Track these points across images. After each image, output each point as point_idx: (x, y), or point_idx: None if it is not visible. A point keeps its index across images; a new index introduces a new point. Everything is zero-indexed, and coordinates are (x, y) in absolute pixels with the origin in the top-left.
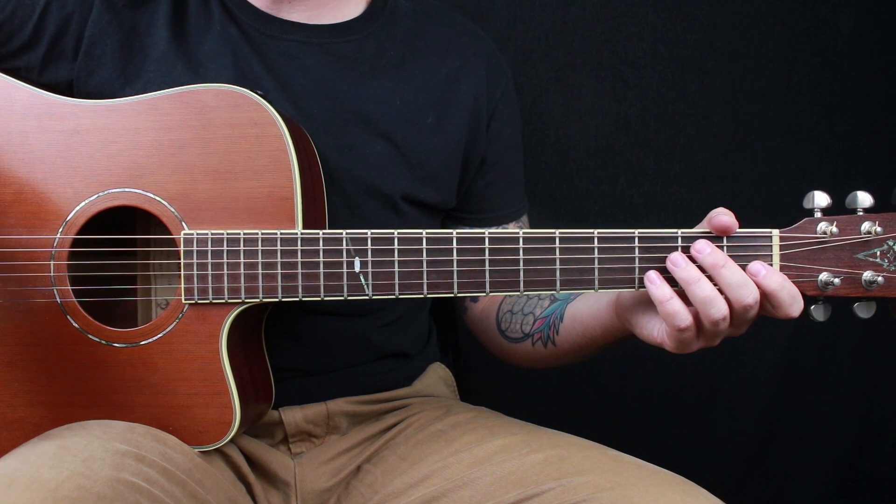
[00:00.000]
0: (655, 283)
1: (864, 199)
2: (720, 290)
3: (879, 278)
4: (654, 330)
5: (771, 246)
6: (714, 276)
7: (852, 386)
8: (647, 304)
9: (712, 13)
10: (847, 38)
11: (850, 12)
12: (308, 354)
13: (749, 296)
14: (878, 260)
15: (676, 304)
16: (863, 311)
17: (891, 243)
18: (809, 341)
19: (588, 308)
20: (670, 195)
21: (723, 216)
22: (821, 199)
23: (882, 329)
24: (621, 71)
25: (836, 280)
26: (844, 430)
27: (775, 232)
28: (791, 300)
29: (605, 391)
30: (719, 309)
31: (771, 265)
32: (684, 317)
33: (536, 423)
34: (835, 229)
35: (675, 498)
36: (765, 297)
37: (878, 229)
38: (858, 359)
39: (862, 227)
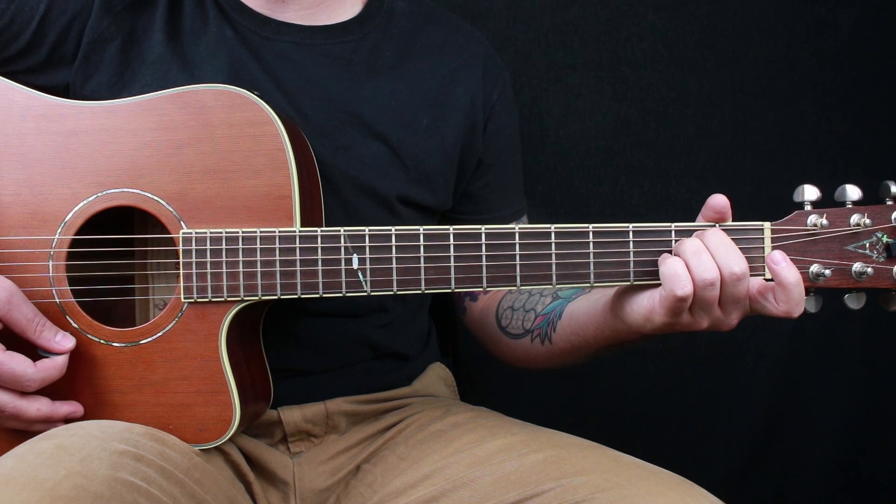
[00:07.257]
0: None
1: (853, 191)
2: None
3: (869, 269)
4: (643, 299)
5: (762, 238)
6: (705, 243)
7: (852, 386)
8: (639, 290)
9: (712, 13)
10: (847, 38)
11: (850, 12)
12: (307, 355)
13: (736, 264)
14: (867, 251)
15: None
16: (853, 303)
17: (879, 235)
18: (809, 341)
19: (585, 307)
20: (670, 195)
21: (718, 196)
22: (811, 192)
23: (882, 329)
24: (621, 71)
25: (827, 272)
26: (844, 430)
27: (767, 224)
28: (799, 299)
29: (605, 391)
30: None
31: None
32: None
33: (536, 423)
34: (825, 221)
35: (675, 498)
36: (776, 289)
37: (867, 221)
38: (858, 359)
39: (851, 220)
